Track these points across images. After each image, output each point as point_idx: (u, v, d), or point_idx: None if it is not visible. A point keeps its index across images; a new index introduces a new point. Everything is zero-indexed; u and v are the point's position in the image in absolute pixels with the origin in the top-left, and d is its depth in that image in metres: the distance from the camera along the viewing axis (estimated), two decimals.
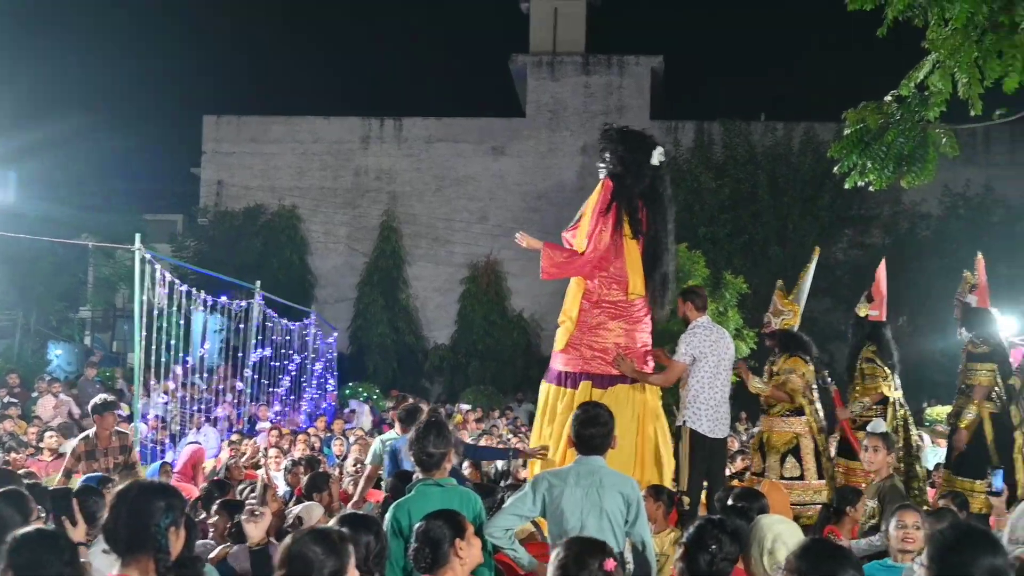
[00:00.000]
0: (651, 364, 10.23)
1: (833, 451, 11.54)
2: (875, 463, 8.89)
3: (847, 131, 9.96)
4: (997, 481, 8.77)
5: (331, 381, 28.32)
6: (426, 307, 38.06)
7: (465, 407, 26.77)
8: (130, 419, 15.76)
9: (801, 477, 10.64)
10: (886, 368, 11.56)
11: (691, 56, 53.54)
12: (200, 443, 15.90)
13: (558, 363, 10.24)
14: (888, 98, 9.79)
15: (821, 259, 32.32)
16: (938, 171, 10.56)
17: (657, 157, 10.56)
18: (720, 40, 54.41)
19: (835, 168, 10.28)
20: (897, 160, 9.75)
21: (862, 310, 11.76)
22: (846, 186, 10.37)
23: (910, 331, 29.06)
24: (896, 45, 10.37)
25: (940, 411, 12.24)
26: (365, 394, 29.35)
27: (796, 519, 9.63)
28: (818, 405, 11.10)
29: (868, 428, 10.16)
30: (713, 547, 5.21)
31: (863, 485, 10.67)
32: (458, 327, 36.20)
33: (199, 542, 7.79)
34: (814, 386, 11.11)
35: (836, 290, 31.61)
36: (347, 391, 29.29)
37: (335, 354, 29.55)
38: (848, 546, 8.39)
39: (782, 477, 10.56)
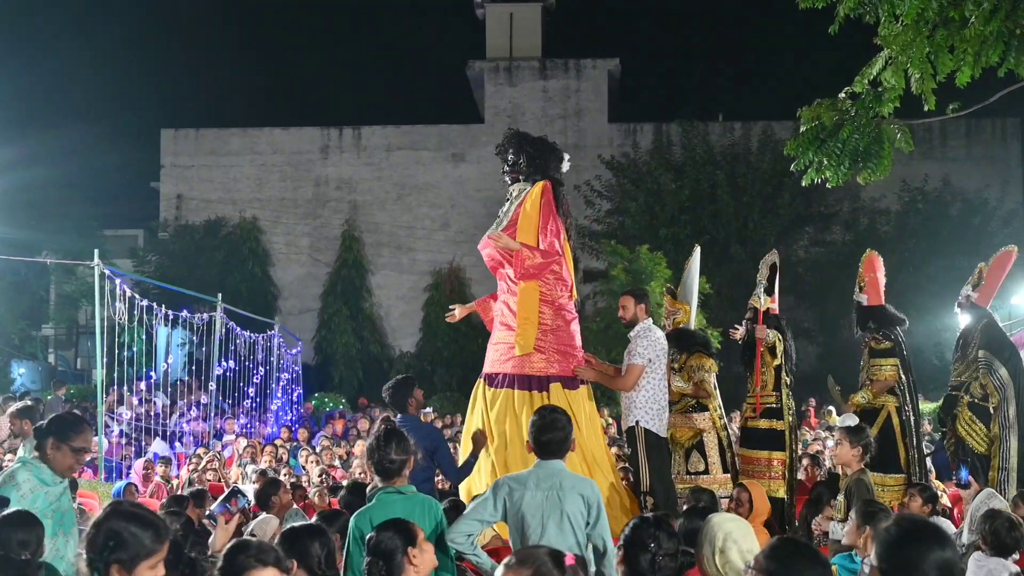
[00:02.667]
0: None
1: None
2: (839, 457, 8.97)
3: (803, 129, 10.02)
4: (963, 475, 8.86)
5: (297, 392, 28.22)
6: (390, 315, 37.99)
7: (428, 411, 26.75)
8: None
9: (706, 471, 10.71)
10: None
11: (648, 58, 53.81)
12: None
13: (508, 368, 10.15)
14: (842, 95, 9.86)
15: (783, 257, 32.47)
16: (896, 166, 10.65)
17: (566, 165, 10.78)
18: (676, 42, 54.63)
19: (792, 166, 10.35)
20: (853, 156, 9.82)
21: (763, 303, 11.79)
22: (803, 183, 10.44)
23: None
24: (850, 42, 10.45)
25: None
26: (332, 404, 29.28)
27: None
28: (720, 402, 11.21)
29: (838, 422, 10.25)
30: (652, 545, 5.20)
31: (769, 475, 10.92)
32: (423, 335, 36.12)
33: None
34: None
35: (798, 287, 31.81)
36: (314, 402, 29.21)
37: (300, 365, 29.45)
38: (828, 530, 8.51)
39: (687, 472, 10.67)
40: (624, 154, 35.83)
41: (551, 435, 6.56)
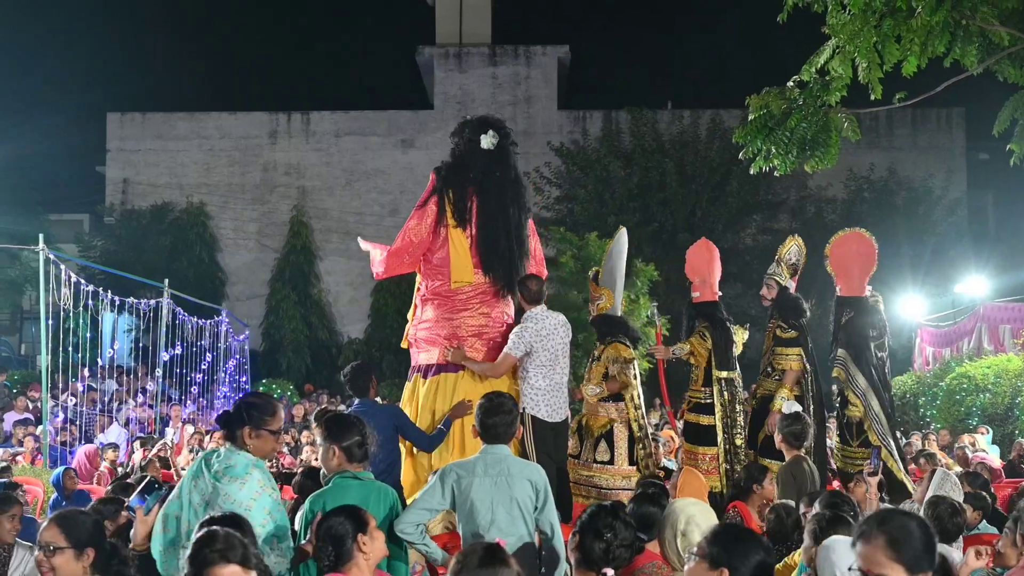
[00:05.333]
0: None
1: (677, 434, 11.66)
2: (778, 442, 9.06)
3: (751, 117, 10.07)
4: (875, 461, 9.02)
5: (244, 378, 28.09)
6: (339, 302, 37.86)
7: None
8: (38, 422, 15.57)
9: (611, 462, 10.68)
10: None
11: (597, 46, 53.80)
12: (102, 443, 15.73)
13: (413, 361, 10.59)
14: (790, 84, 9.92)
15: (730, 244, 32.61)
16: (842, 155, 10.74)
17: (487, 141, 10.40)
18: (626, 29, 54.68)
19: (740, 154, 10.40)
20: (800, 145, 9.89)
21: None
22: (751, 171, 10.50)
23: (819, 314, 29.45)
24: (799, 31, 10.51)
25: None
26: (279, 391, 29.16)
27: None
28: (639, 391, 11.08)
29: (783, 409, 10.32)
30: (608, 535, 5.15)
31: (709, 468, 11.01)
32: (371, 321, 36.01)
33: None
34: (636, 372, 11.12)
35: (746, 275, 31.97)
36: (262, 388, 29.08)
37: (247, 351, 29.31)
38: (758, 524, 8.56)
39: (594, 460, 10.66)
40: (573, 141, 35.89)
41: (496, 419, 6.53)
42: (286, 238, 37.48)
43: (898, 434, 12.19)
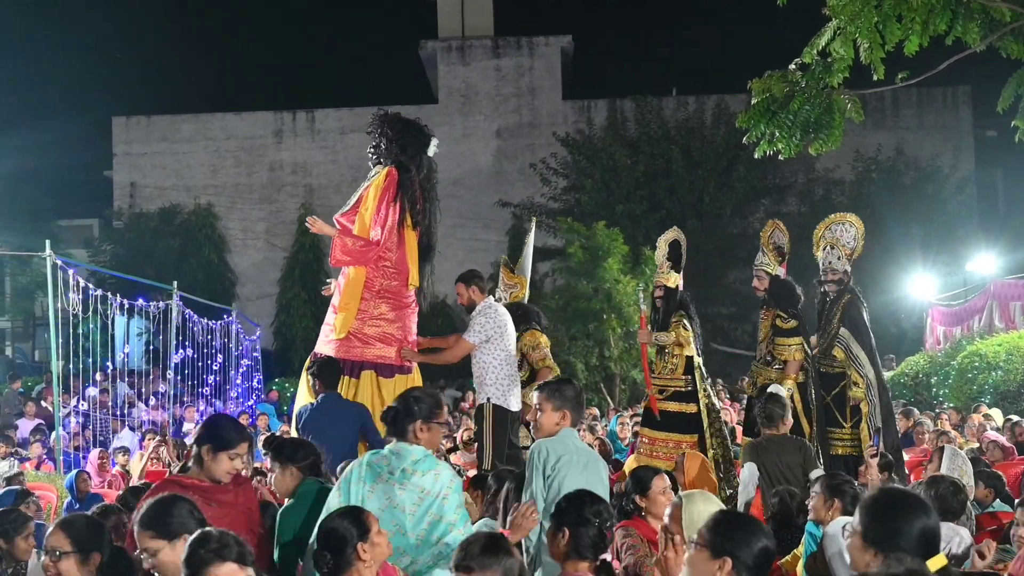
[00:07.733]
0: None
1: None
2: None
3: (754, 101, 10.05)
4: (876, 441, 9.09)
5: (257, 378, 28.11)
6: None
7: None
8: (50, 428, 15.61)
9: (527, 447, 10.72)
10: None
11: (600, 34, 53.76)
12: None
13: (330, 351, 10.28)
14: (792, 66, 9.89)
15: (739, 229, 32.50)
16: (849, 137, 10.71)
17: (433, 148, 10.66)
18: (628, 16, 54.61)
19: (744, 138, 10.39)
20: (804, 127, 9.86)
21: (672, 280, 11.85)
22: (756, 155, 10.49)
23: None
24: (801, 13, 10.47)
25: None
26: (293, 389, 29.17)
27: None
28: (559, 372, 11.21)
29: (768, 391, 10.31)
30: (596, 521, 5.10)
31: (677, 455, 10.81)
32: None
33: None
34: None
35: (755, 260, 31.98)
36: (274, 387, 29.11)
37: (259, 351, 29.32)
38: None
39: (519, 446, 10.66)
40: (579, 131, 35.86)
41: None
42: (294, 237, 37.44)
43: (916, 413, 12.16)
